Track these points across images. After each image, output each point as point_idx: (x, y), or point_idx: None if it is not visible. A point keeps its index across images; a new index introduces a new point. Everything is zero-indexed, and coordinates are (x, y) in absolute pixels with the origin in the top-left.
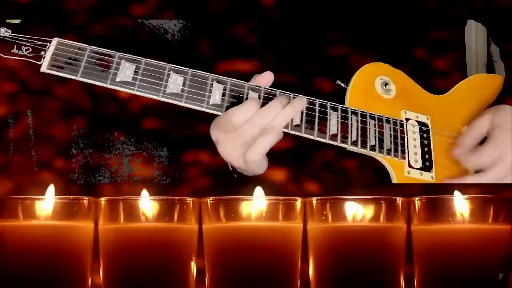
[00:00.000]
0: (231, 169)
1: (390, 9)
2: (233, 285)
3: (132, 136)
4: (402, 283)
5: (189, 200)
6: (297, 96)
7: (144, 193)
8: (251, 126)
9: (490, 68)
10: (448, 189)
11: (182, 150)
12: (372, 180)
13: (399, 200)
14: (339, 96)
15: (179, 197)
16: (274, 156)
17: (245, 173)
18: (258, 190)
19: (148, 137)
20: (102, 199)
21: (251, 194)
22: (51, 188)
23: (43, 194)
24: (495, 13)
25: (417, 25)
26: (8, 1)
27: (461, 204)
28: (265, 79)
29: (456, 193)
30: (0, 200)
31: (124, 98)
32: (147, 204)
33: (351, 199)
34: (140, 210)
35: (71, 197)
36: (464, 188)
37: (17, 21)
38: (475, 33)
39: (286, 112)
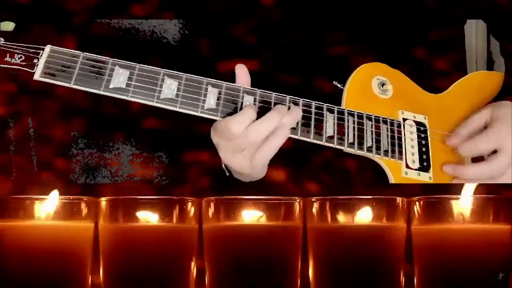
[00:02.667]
0: (227, 174)
1: (390, 9)
2: (233, 285)
3: (132, 136)
4: (402, 283)
5: (189, 200)
6: (293, 98)
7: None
8: (255, 134)
9: (490, 66)
10: (448, 189)
11: (182, 150)
12: (372, 180)
13: (399, 200)
14: (339, 96)
15: (179, 197)
16: (274, 156)
17: (242, 179)
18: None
19: (148, 137)
20: (102, 199)
21: (251, 194)
22: (54, 193)
23: (43, 194)
24: (495, 13)
25: (417, 25)
26: (7, 1)
27: (461, 204)
28: (243, 78)
29: (464, 192)
30: (0, 200)
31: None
32: (147, 204)
33: (351, 199)
34: (140, 210)
35: (71, 197)
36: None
37: (11, 28)
38: (475, 31)
39: (286, 120)
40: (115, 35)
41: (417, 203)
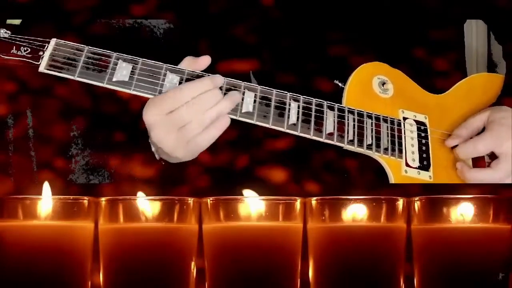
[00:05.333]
0: (157, 158)
1: (390, 9)
2: (233, 285)
3: (132, 136)
4: (402, 283)
5: (189, 200)
6: (294, 95)
7: (140, 195)
8: (189, 110)
9: (491, 67)
10: (448, 189)
11: None
12: (372, 180)
13: (399, 200)
14: (339, 96)
15: (179, 197)
16: (274, 156)
17: (170, 160)
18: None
19: (148, 137)
20: (102, 199)
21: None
22: (46, 186)
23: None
24: (495, 13)
25: (417, 25)
26: (8, 1)
27: (461, 204)
28: (201, 64)
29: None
30: (0, 200)
31: (124, 98)
32: (147, 204)
33: (351, 199)
34: (140, 210)
35: (71, 197)
36: (464, 188)
37: (17, 22)
38: (475, 32)
39: (224, 103)
40: (115, 35)
41: (417, 203)
